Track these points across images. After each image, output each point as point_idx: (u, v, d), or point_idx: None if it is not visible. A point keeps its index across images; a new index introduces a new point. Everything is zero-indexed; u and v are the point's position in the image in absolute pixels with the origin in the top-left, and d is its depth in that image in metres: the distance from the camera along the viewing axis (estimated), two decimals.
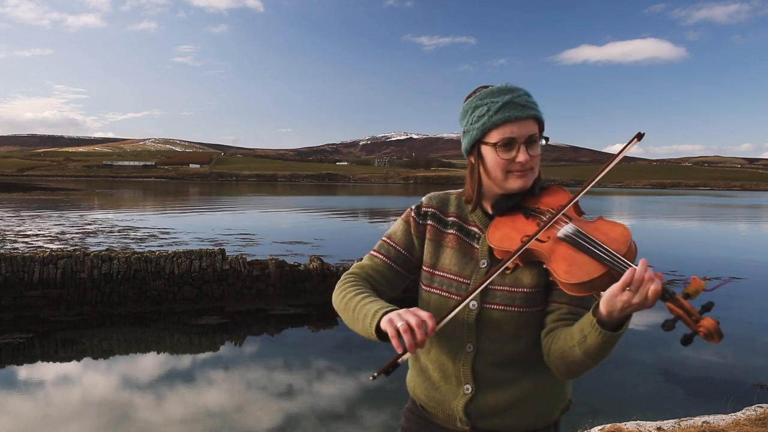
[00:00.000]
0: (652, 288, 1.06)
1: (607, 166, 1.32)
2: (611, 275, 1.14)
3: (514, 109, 1.30)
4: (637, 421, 4.18)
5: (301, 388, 7.30)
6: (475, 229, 1.41)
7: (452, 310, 1.21)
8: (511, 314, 1.32)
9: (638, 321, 10.97)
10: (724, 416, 4.29)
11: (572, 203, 1.30)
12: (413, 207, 1.48)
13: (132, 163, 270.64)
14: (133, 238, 20.36)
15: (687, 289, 1.07)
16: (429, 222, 1.45)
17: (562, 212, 1.28)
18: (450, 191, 1.51)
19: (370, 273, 1.44)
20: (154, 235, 21.43)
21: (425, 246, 1.44)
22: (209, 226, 25.50)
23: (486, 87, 1.37)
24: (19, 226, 23.52)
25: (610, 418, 4.73)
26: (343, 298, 1.35)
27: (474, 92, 1.38)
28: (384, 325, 1.16)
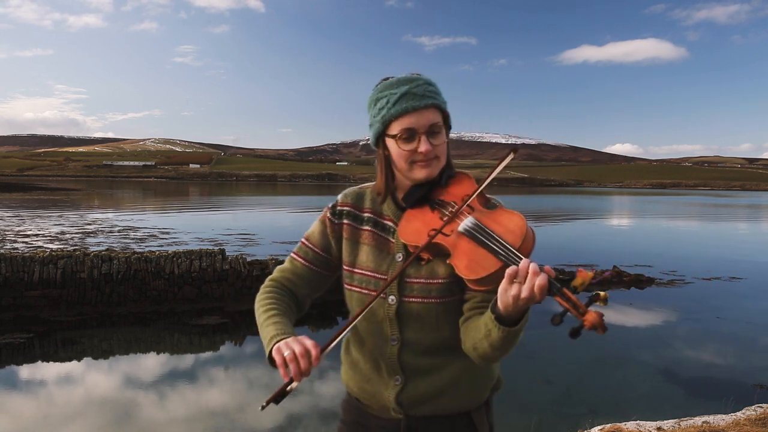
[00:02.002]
0: (538, 282, 1.07)
1: (489, 176, 1.33)
2: (507, 269, 1.14)
3: (412, 99, 1.30)
4: (637, 421, 4.19)
5: (302, 388, 7.30)
6: (389, 223, 1.42)
7: (338, 336, 1.25)
8: (429, 305, 1.34)
9: (638, 321, 10.97)
10: (724, 416, 4.29)
11: (471, 199, 1.30)
12: (329, 206, 1.48)
13: (132, 163, 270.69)
14: (133, 238, 20.36)
15: (574, 282, 1.07)
16: (345, 221, 1.45)
17: (463, 207, 1.29)
18: (365, 185, 1.50)
19: (290, 278, 1.47)
20: (154, 235, 21.43)
21: (342, 245, 1.45)
22: (209, 226, 25.50)
23: (389, 78, 1.36)
24: (19, 226, 23.52)
25: (610, 418, 4.73)
26: (257, 310, 1.39)
27: (378, 85, 1.38)
28: (274, 354, 1.20)
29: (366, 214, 1.45)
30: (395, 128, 1.32)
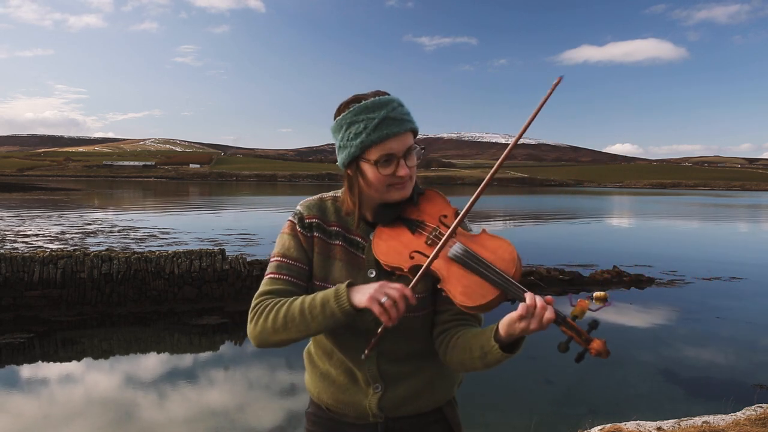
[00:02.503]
0: (547, 316, 1.15)
1: (501, 162, 1.31)
2: (504, 296, 1.24)
3: (392, 125, 1.30)
4: (637, 421, 4.19)
5: (303, 387, 7.28)
6: (358, 239, 1.43)
7: (424, 270, 1.28)
8: (408, 319, 1.36)
9: (638, 321, 10.96)
10: (724, 416, 4.29)
11: (459, 220, 1.30)
12: (295, 220, 1.45)
13: (132, 163, 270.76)
14: (133, 238, 20.36)
15: (574, 311, 1.16)
16: (315, 234, 1.43)
17: (452, 230, 1.30)
18: (323, 195, 1.49)
19: (280, 297, 1.38)
20: (154, 235, 21.43)
21: (314, 259, 1.43)
22: (209, 226, 25.50)
23: (358, 99, 1.35)
24: (19, 226, 23.52)
25: (610, 418, 4.74)
26: (276, 314, 1.30)
27: (346, 106, 1.36)
28: (365, 303, 1.21)
29: (333, 228, 1.44)
30: (374, 153, 1.32)
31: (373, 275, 1.39)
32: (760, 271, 16.95)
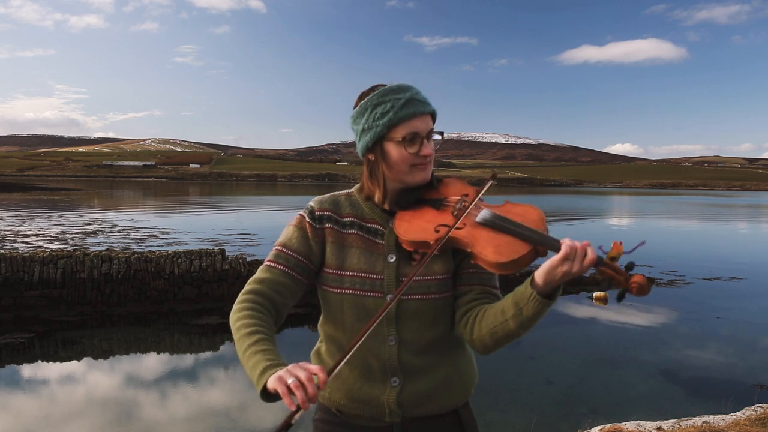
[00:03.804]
0: (589, 256, 1.18)
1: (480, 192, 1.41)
2: (536, 251, 1.24)
3: (417, 105, 1.35)
4: (637, 421, 4.19)
5: None
6: (376, 226, 1.43)
7: (344, 357, 1.19)
8: (428, 302, 1.37)
9: (638, 321, 10.96)
10: (724, 416, 4.29)
11: (485, 190, 1.38)
12: (305, 213, 1.45)
13: (132, 163, 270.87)
14: (133, 238, 20.36)
15: (611, 254, 1.18)
16: (327, 225, 1.43)
17: (478, 198, 1.36)
18: (336, 193, 1.50)
19: (271, 287, 1.37)
20: (154, 235, 21.43)
21: (327, 249, 1.42)
22: (209, 226, 25.50)
23: (381, 86, 1.39)
24: (19, 226, 23.51)
25: (610, 418, 4.74)
26: (239, 328, 1.27)
27: (370, 91, 1.40)
28: (273, 385, 1.10)
29: (347, 219, 1.44)
30: (401, 132, 1.34)
31: (393, 260, 1.39)
32: (760, 271, 16.96)
